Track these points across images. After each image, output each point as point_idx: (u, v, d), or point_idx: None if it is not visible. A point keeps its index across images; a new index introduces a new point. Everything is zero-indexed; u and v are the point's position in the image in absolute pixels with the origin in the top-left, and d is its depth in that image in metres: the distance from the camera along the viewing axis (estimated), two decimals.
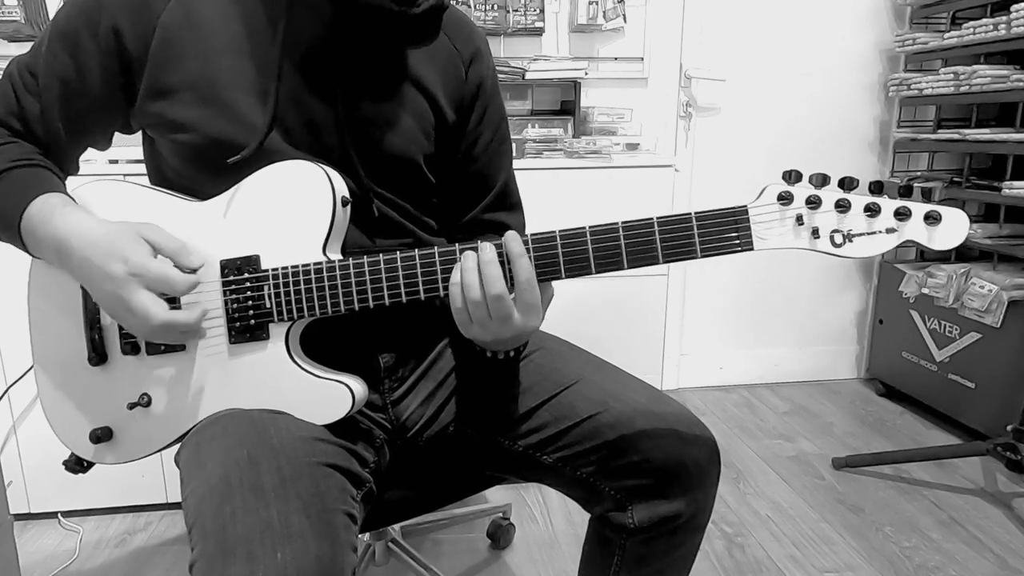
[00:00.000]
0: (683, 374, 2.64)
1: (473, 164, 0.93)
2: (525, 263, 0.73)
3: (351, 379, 0.79)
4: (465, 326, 0.76)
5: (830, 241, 0.69)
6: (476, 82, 0.91)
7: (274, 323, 0.78)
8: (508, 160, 0.98)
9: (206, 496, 0.66)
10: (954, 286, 2.16)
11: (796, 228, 0.70)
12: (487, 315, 0.73)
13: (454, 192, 0.94)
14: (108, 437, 0.81)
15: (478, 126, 0.93)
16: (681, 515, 0.83)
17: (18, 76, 0.81)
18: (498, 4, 2.18)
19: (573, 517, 1.76)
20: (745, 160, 2.52)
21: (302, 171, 0.77)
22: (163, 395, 0.80)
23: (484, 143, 0.93)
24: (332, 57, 0.80)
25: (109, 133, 0.87)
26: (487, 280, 0.72)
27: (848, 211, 0.69)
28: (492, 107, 0.94)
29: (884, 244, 0.68)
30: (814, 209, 0.69)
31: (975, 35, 2.11)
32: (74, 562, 1.58)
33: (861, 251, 0.69)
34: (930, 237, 0.67)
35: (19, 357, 1.60)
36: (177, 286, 0.72)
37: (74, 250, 0.73)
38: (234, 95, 0.77)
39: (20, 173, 0.78)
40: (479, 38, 0.93)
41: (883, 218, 0.68)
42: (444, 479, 0.99)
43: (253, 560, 0.60)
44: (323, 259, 0.77)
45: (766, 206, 0.71)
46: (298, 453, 0.71)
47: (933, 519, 1.75)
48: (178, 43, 0.77)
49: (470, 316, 0.74)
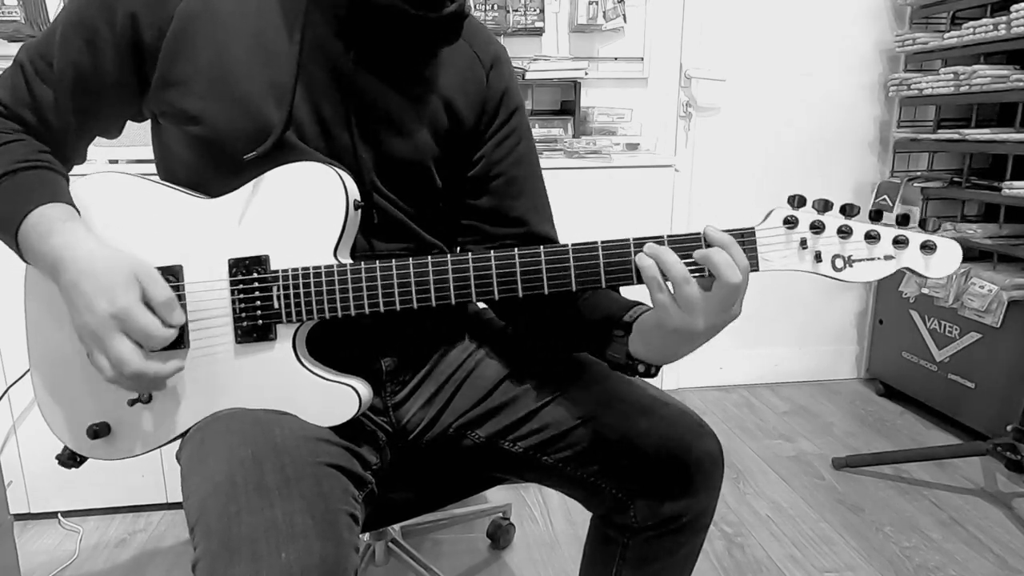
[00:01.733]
0: (683, 374, 2.64)
1: (499, 168, 0.91)
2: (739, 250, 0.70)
3: (357, 382, 0.79)
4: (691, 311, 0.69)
5: (831, 265, 0.72)
6: (500, 88, 0.90)
7: (282, 324, 0.77)
8: (540, 171, 0.96)
9: (210, 495, 0.66)
10: (954, 286, 2.16)
11: (800, 251, 0.72)
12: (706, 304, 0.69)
13: (492, 198, 0.91)
14: (106, 432, 0.81)
15: (503, 127, 0.91)
16: (684, 515, 0.83)
17: (30, 64, 0.79)
18: (498, 4, 2.18)
19: (573, 517, 1.76)
20: (745, 160, 2.51)
21: (315, 173, 0.77)
22: (165, 392, 0.79)
23: (510, 146, 0.91)
24: (347, 57, 0.80)
25: (121, 122, 0.86)
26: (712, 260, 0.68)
27: (850, 237, 0.71)
28: (519, 114, 0.93)
29: (882, 270, 0.72)
30: (818, 234, 0.72)
31: (975, 35, 2.11)
32: (74, 562, 1.58)
33: (861, 276, 0.72)
34: (926, 265, 0.71)
35: (19, 357, 1.60)
36: (154, 341, 0.72)
37: (66, 273, 0.72)
38: (248, 88, 0.77)
39: (24, 177, 0.77)
40: (499, 46, 0.93)
41: (882, 245, 0.71)
42: (445, 480, 0.99)
43: (258, 560, 0.60)
44: (334, 262, 0.77)
45: (772, 229, 0.73)
46: (302, 453, 0.71)
47: (933, 519, 1.75)
48: (194, 33, 0.76)
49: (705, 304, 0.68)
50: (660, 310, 0.70)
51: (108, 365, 0.72)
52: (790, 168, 2.53)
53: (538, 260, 0.75)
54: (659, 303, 0.70)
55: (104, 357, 0.72)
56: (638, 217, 2.10)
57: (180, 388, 0.79)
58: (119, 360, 0.71)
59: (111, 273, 0.71)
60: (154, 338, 0.71)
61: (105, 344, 0.71)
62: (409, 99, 0.84)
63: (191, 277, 0.78)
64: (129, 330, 0.71)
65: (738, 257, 0.69)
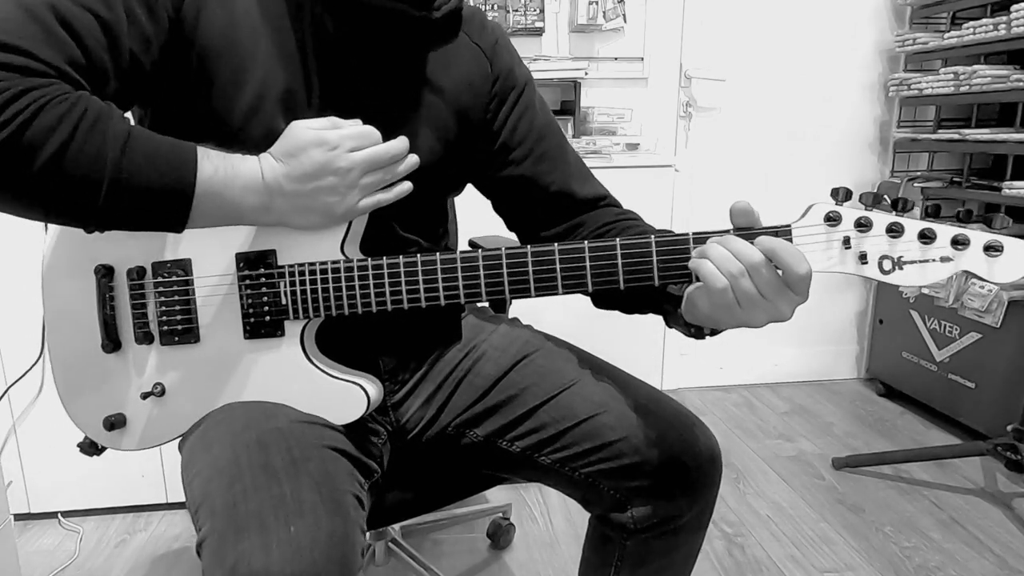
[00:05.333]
0: (683, 374, 2.64)
1: (542, 143, 0.90)
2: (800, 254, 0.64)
3: (366, 380, 0.79)
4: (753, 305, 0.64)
5: (878, 267, 0.64)
6: (505, 70, 0.90)
7: (289, 320, 0.77)
8: (564, 137, 0.95)
9: (214, 477, 0.66)
10: (954, 286, 2.16)
11: (842, 252, 0.65)
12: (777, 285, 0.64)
13: (528, 182, 0.90)
14: (122, 424, 0.81)
15: (526, 109, 0.90)
16: (682, 515, 0.83)
17: (65, 5, 0.63)
18: (498, 4, 2.18)
19: (573, 517, 1.76)
20: (745, 160, 2.51)
21: None
22: (177, 386, 0.79)
23: (529, 123, 0.90)
24: (349, 61, 0.79)
25: (131, 98, 0.75)
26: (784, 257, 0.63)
27: (901, 236, 0.63)
28: (528, 88, 0.92)
29: (938, 273, 0.63)
30: (863, 232, 0.64)
31: (975, 35, 2.11)
32: (74, 562, 1.58)
33: (912, 279, 0.64)
34: (990, 269, 0.62)
35: (19, 357, 1.60)
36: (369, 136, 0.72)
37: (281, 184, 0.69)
38: (261, 92, 0.74)
39: (140, 139, 0.64)
40: (496, 28, 0.92)
41: (938, 246, 0.63)
42: (444, 480, 0.99)
43: (266, 533, 0.60)
44: (341, 257, 0.76)
45: (811, 226, 0.66)
46: (307, 436, 0.72)
47: (933, 519, 1.75)
48: (215, 28, 0.73)
49: (762, 294, 0.64)
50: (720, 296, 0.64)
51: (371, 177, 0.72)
52: (790, 168, 2.53)
53: (537, 258, 0.73)
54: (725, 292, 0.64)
55: (360, 173, 0.71)
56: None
57: (191, 383, 0.79)
58: (366, 159, 0.71)
59: (291, 144, 0.70)
60: (364, 133, 0.72)
61: (353, 161, 0.70)
62: (411, 102, 0.84)
63: (200, 271, 0.78)
64: (349, 147, 0.70)
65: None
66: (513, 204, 0.94)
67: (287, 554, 0.59)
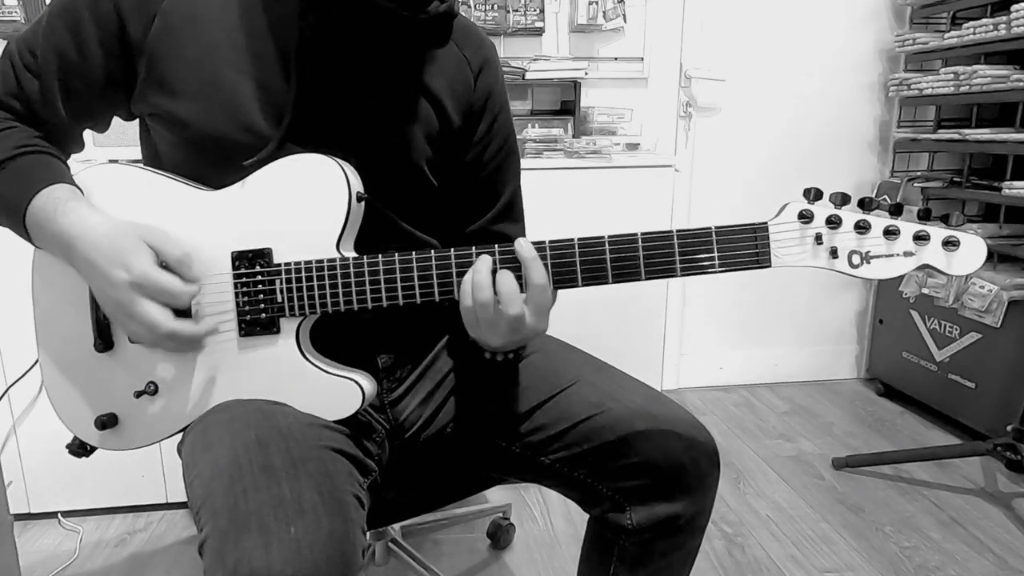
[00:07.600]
0: (683, 374, 2.64)
1: (481, 172, 0.93)
2: (539, 266, 0.73)
3: (361, 376, 0.79)
4: (472, 326, 0.76)
5: (847, 262, 0.70)
6: (486, 91, 0.91)
7: (285, 318, 0.78)
8: (516, 173, 0.97)
9: (215, 477, 0.67)
10: (954, 286, 2.16)
11: (815, 247, 0.70)
12: (494, 316, 0.73)
13: (460, 200, 0.93)
14: (113, 424, 0.81)
15: (487, 135, 0.92)
16: (680, 516, 0.83)
17: (18, 55, 0.80)
18: (498, 4, 2.18)
19: (573, 517, 1.76)
20: (745, 160, 2.51)
21: (317, 165, 0.77)
22: (170, 385, 0.79)
23: (492, 152, 0.93)
24: (338, 59, 0.80)
25: (109, 116, 0.86)
26: (500, 281, 0.73)
27: (868, 232, 0.69)
28: (502, 117, 0.93)
29: (902, 267, 0.69)
30: (834, 229, 0.70)
31: (975, 35, 2.11)
32: (74, 562, 1.58)
33: (878, 273, 0.69)
34: (948, 263, 0.68)
35: (19, 357, 1.60)
36: (179, 299, 0.72)
37: (78, 251, 0.73)
38: (236, 90, 0.77)
39: (25, 161, 0.77)
40: (488, 48, 0.92)
41: (902, 241, 0.69)
42: (443, 480, 0.99)
43: (267, 533, 0.60)
44: (336, 255, 0.77)
45: (786, 224, 0.71)
46: (307, 437, 0.72)
47: (933, 519, 1.75)
48: (179, 33, 0.76)
49: (477, 316, 0.74)
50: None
51: (142, 332, 0.73)
52: (790, 168, 2.53)
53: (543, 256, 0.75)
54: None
55: (137, 324, 0.72)
56: (638, 217, 2.10)
57: (185, 381, 0.79)
58: (151, 324, 0.71)
59: (121, 241, 0.72)
60: (178, 295, 0.72)
61: (133, 312, 0.71)
62: (400, 101, 0.84)
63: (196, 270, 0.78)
64: (152, 294, 0.71)
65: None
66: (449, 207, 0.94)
67: (287, 554, 0.59)
